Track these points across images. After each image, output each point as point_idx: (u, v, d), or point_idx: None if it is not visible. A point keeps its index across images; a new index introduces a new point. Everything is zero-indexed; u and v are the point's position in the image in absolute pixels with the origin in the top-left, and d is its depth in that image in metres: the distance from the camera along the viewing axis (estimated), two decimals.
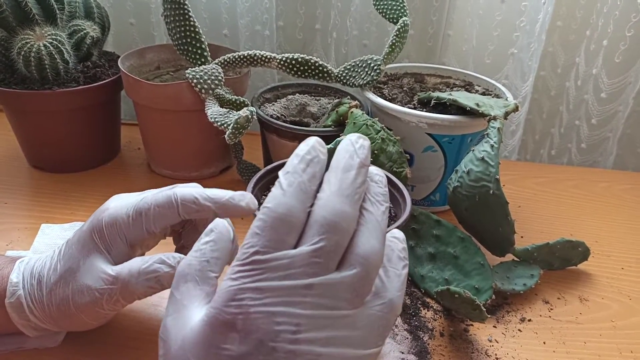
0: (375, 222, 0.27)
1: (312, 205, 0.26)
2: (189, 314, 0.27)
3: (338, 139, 0.40)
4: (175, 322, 0.27)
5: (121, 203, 0.39)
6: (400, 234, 0.30)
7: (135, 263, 0.37)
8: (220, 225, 0.30)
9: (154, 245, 0.43)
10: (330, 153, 0.38)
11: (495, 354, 0.45)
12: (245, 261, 0.25)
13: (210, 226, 0.30)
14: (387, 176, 0.48)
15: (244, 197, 0.38)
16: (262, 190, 0.47)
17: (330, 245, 0.25)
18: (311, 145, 0.28)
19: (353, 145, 0.28)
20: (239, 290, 0.25)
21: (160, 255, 0.37)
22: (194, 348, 0.25)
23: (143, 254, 0.43)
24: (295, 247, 0.26)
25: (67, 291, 0.37)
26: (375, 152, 0.51)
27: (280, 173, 0.27)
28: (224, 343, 0.25)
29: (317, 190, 0.27)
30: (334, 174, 0.27)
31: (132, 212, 0.38)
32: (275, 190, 0.26)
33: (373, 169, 0.30)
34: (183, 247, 0.44)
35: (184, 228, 0.44)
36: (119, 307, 0.38)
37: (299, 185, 0.26)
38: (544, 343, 0.47)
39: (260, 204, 0.46)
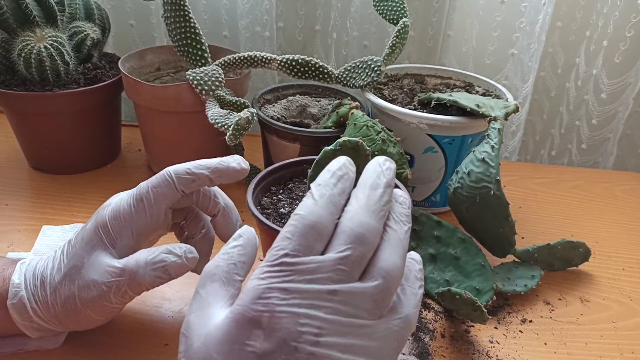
0: (398, 239, 0.29)
1: (339, 218, 0.28)
2: (213, 312, 0.28)
3: (339, 140, 0.40)
4: (199, 319, 0.28)
5: (121, 196, 0.40)
6: (417, 256, 0.33)
7: (142, 254, 0.38)
8: (249, 231, 0.31)
9: (156, 241, 0.43)
10: (331, 155, 0.38)
11: (497, 355, 0.45)
12: (275, 262, 0.26)
13: (239, 231, 0.31)
14: None
15: (235, 159, 0.40)
16: (263, 191, 0.47)
17: (356, 255, 0.27)
18: (342, 162, 0.30)
19: (381, 166, 0.30)
20: (267, 289, 0.26)
21: (167, 245, 0.38)
22: (218, 344, 0.26)
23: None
24: (322, 254, 0.27)
25: (72, 288, 0.37)
26: (376, 153, 0.51)
27: (312, 185, 0.29)
28: (249, 339, 0.25)
29: (345, 205, 0.29)
30: (362, 191, 0.29)
31: (132, 201, 0.39)
32: (307, 200, 0.28)
33: (398, 191, 0.32)
34: (188, 239, 0.45)
35: (186, 219, 0.44)
36: (126, 299, 0.38)
37: (330, 197, 0.28)
38: (545, 344, 0.47)
39: (261, 205, 0.46)
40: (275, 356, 0.25)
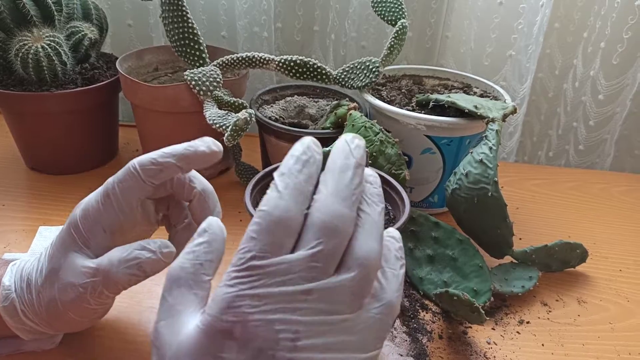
0: (373, 222, 0.27)
1: (309, 207, 0.26)
2: (183, 320, 0.26)
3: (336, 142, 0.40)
4: (169, 328, 0.26)
5: (91, 195, 0.38)
6: (396, 233, 0.30)
7: (116, 252, 0.36)
8: (214, 225, 0.29)
9: (149, 236, 0.42)
10: (325, 156, 0.38)
11: (494, 356, 0.45)
12: (242, 267, 0.24)
13: (203, 225, 0.29)
14: (385, 178, 0.48)
15: (204, 141, 0.37)
16: (260, 192, 0.47)
17: (328, 248, 0.25)
18: (306, 145, 0.27)
19: (348, 145, 0.28)
20: (236, 297, 0.24)
21: (140, 241, 0.36)
22: (189, 356, 0.24)
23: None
24: (292, 250, 0.25)
25: (53, 292, 0.36)
26: (374, 154, 0.51)
27: (275, 174, 0.26)
28: (221, 352, 0.24)
29: (314, 192, 0.26)
30: (331, 175, 0.26)
31: (99, 198, 0.37)
32: (270, 193, 0.26)
33: (367, 170, 0.29)
34: (171, 228, 0.42)
35: (169, 208, 0.42)
36: (104, 299, 0.37)
37: (295, 186, 0.26)
38: (543, 345, 0.47)
39: (257, 205, 0.46)
40: None
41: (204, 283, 0.27)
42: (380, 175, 0.49)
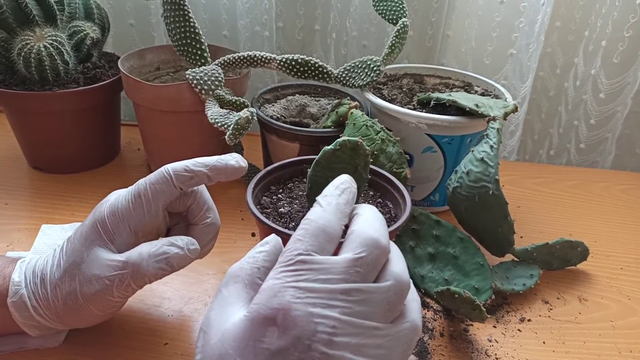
0: (399, 253, 0.31)
1: (346, 227, 0.30)
2: (232, 311, 0.28)
3: (338, 139, 0.40)
4: (218, 317, 0.29)
5: (120, 193, 0.40)
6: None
7: (145, 247, 0.38)
8: (276, 240, 0.32)
9: (163, 235, 0.43)
10: (330, 154, 0.39)
11: (495, 354, 0.45)
12: (289, 262, 0.27)
13: (266, 239, 0.32)
14: (386, 177, 0.49)
15: (233, 156, 0.41)
16: (262, 191, 0.48)
17: (371, 257, 0.28)
18: (345, 178, 0.32)
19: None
20: (282, 287, 0.26)
21: (169, 237, 0.39)
22: (233, 340, 0.27)
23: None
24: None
25: (73, 284, 0.37)
26: (375, 152, 0.51)
27: (318, 198, 0.31)
28: (263, 336, 0.26)
29: (349, 215, 0.31)
30: (363, 210, 0.31)
31: (130, 197, 0.39)
32: (315, 208, 0.30)
33: None
34: (190, 226, 0.44)
35: (177, 225, 0.44)
36: (129, 292, 0.39)
37: (337, 205, 0.30)
38: (544, 343, 0.47)
39: (260, 204, 0.46)
40: (288, 353, 0.25)
41: (257, 285, 0.30)
42: (381, 174, 0.49)
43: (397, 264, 0.29)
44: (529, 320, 0.49)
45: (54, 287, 0.38)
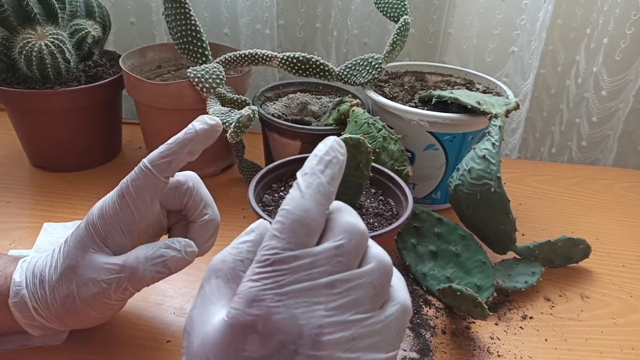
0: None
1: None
2: (214, 310, 0.27)
3: (340, 137, 0.40)
4: (201, 317, 0.27)
5: (108, 195, 0.39)
6: None
7: (141, 250, 0.38)
8: (262, 227, 0.30)
9: (164, 233, 0.43)
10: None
11: (497, 351, 0.45)
12: (266, 262, 0.25)
13: (252, 226, 0.30)
14: (388, 174, 0.49)
15: (199, 120, 0.38)
16: (264, 188, 0.48)
17: (352, 244, 0.26)
18: (330, 145, 0.27)
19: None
20: (260, 291, 0.24)
21: (165, 240, 0.38)
22: (214, 347, 0.25)
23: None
24: None
25: (70, 287, 0.37)
26: (377, 150, 0.51)
27: (298, 174, 0.27)
28: (244, 344, 0.24)
29: (335, 192, 0.27)
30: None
31: (115, 198, 0.38)
32: (293, 192, 0.26)
33: None
34: (191, 222, 0.43)
35: (177, 224, 0.43)
36: (127, 295, 0.38)
37: (318, 187, 0.26)
38: (546, 340, 0.47)
39: (262, 202, 0.46)
40: None
41: (239, 279, 0.28)
42: (383, 172, 0.49)
43: (375, 246, 0.27)
44: (531, 317, 0.49)
45: (52, 289, 0.37)
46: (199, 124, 0.38)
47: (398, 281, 0.29)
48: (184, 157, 0.38)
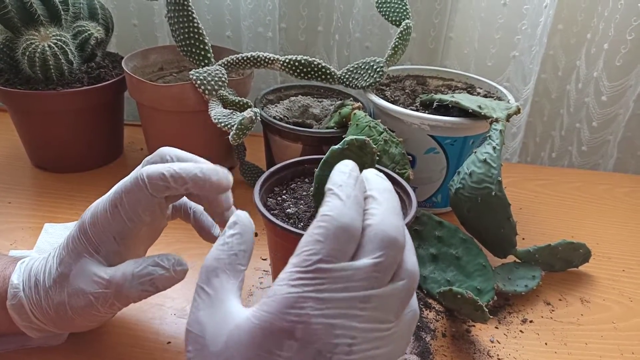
0: (411, 242, 0.29)
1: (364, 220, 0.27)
2: (227, 309, 0.27)
3: (345, 139, 0.40)
4: (213, 318, 0.27)
5: (101, 200, 0.38)
6: None
7: (129, 266, 0.36)
8: (243, 217, 0.30)
9: (157, 235, 0.42)
10: (338, 154, 0.38)
11: (497, 355, 0.45)
12: (308, 269, 0.25)
13: (233, 219, 0.30)
14: (391, 175, 0.49)
15: (217, 173, 0.36)
16: (267, 192, 0.48)
17: (389, 260, 0.26)
18: (352, 166, 0.29)
19: (379, 172, 0.30)
20: (300, 298, 0.25)
21: (154, 257, 0.37)
22: (243, 348, 0.25)
23: (149, 246, 0.42)
24: (352, 258, 0.26)
25: (62, 295, 0.36)
26: (378, 153, 0.51)
27: (331, 186, 0.27)
28: (280, 349, 0.24)
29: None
30: (378, 193, 0.28)
31: (108, 207, 0.36)
32: (334, 200, 0.26)
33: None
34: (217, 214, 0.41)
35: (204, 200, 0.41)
36: (115, 310, 0.38)
37: (355, 198, 0.27)
38: (546, 344, 0.47)
39: (267, 206, 0.46)
40: None
41: (240, 273, 0.28)
42: (386, 173, 0.49)
43: (410, 258, 0.28)
44: (531, 321, 0.49)
45: (46, 294, 0.37)
46: (214, 175, 0.36)
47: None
48: (181, 193, 0.36)
